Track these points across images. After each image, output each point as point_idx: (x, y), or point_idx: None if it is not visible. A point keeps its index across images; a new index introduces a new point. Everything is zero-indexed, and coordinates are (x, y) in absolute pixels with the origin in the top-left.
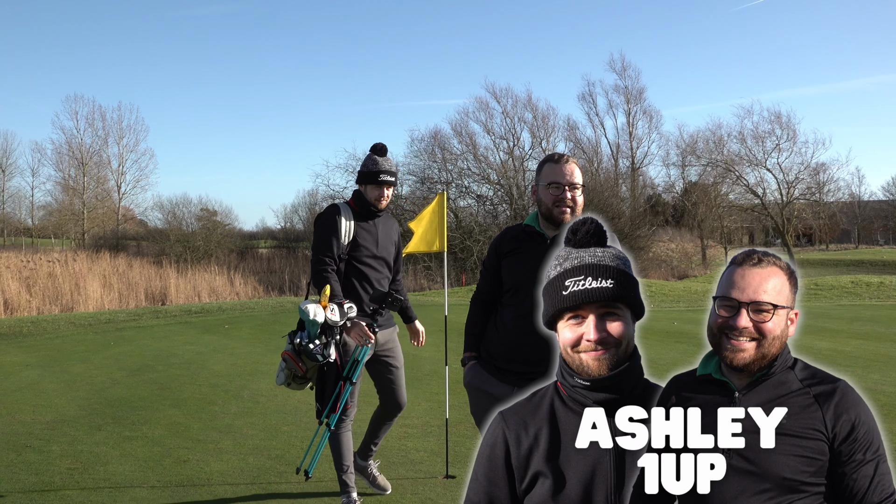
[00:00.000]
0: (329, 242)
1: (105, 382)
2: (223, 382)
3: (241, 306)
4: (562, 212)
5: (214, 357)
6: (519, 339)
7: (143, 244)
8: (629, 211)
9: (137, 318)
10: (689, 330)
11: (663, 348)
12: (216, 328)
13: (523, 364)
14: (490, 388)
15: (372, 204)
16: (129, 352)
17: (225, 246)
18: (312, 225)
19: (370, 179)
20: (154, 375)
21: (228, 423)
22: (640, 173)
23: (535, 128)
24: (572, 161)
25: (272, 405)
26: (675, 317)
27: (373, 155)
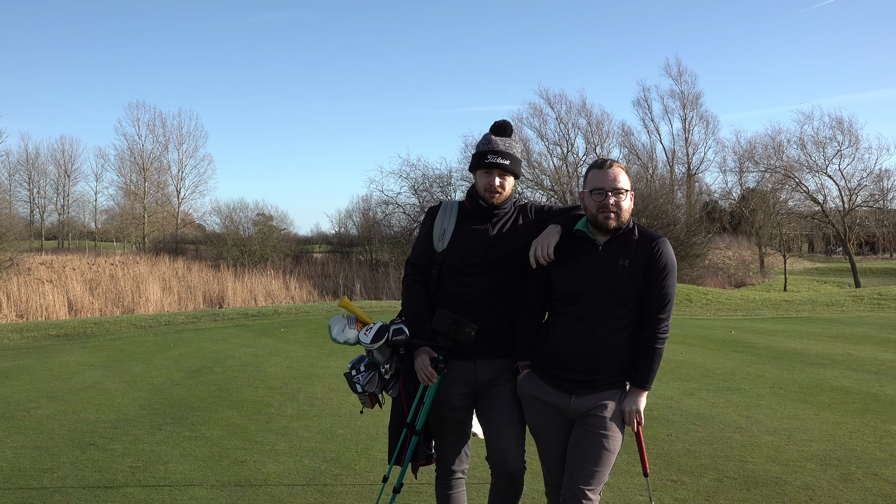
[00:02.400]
0: (415, 248)
1: (165, 383)
2: (279, 385)
3: (297, 310)
4: (606, 217)
5: (270, 360)
6: (573, 348)
7: (201, 248)
8: (685, 217)
9: (196, 321)
10: (747, 339)
11: (721, 358)
12: (272, 331)
13: (579, 372)
14: (546, 396)
15: (482, 196)
16: (188, 353)
17: (280, 250)
18: (370, 231)
19: (477, 162)
20: (212, 377)
21: (284, 425)
22: (695, 179)
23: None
24: (617, 166)
25: (327, 408)
26: (732, 325)
27: (489, 134)
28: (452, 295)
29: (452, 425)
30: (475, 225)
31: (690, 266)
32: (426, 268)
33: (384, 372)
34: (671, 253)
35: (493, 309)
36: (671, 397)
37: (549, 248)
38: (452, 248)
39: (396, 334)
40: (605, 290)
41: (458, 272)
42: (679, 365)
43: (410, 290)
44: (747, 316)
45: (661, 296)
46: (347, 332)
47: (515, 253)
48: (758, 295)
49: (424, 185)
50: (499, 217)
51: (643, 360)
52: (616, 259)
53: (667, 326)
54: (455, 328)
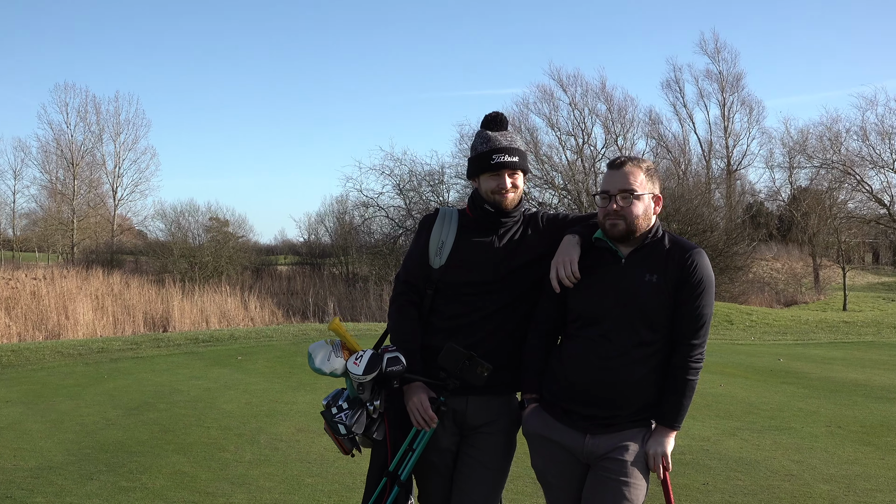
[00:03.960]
0: (407, 263)
1: (98, 423)
2: (235, 425)
3: (257, 334)
4: (611, 225)
5: (225, 394)
6: (590, 378)
7: (142, 259)
8: (724, 222)
9: (135, 348)
10: (799, 369)
11: (767, 390)
12: (227, 360)
13: (596, 407)
14: (557, 435)
15: (489, 202)
16: (126, 387)
17: (238, 262)
18: (346, 239)
19: (481, 165)
20: (155, 415)
21: (242, 472)
22: (737, 177)
23: (609, 122)
24: (632, 165)
25: (293, 452)
26: (781, 352)
27: (483, 130)
28: (449, 317)
29: (439, 474)
30: (479, 237)
31: (731, 280)
32: (420, 286)
33: (372, 410)
34: (708, 266)
35: (496, 333)
36: (707, 438)
37: (573, 264)
38: (453, 265)
39: (392, 364)
40: (629, 309)
41: (458, 292)
42: (717, 399)
43: (402, 312)
44: (799, 340)
45: (694, 317)
46: (333, 360)
47: (527, 268)
48: (812, 315)
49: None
50: (507, 227)
51: (672, 394)
52: (642, 273)
53: (701, 354)
54: (466, 367)
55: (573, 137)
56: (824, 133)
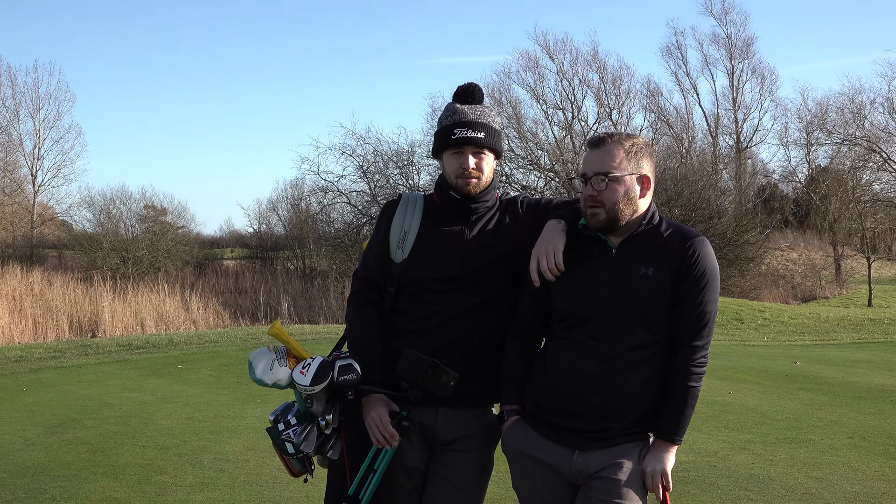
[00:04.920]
0: (366, 257)
1: (15, 443)
2: (175, 443)
3: (200, 339)
4: (591, 214)
5: (163, 408)
6: (579, 387)
7: (66, 254)
8: (733, 207)
9: (59, 356)
10: (818, 373)
11: (782, 398)
12: (165, 369)
13: (586, 419)
14: (541, 452)
15: (452, 185)
16: (48, 401)
17: (177, 256)
18: (301, 229)
19: (442, 141)
20: (81, 433)
21: (182, 498)
22: (748, 155)
23: (602, 93)
24: (613, 143)
25: (242, 474)
26: (798, 354)
27: (452, 103)
28: (414, 319)
29: (407, 496)
30: (447, 225)
31: (741, 273)
32: (380, 283)
33: (324, 426)
34: (711, 256)
35: (468, 337)
36: (714, 453)
37: (557, 254)
38: (417, 258)
39: (345, 373)
40: (622, 307)
41: (423, 289)
42: (725, 408)
43: (360, 313)
44: (818, 341)
45: (696, 315)
46: (277, 369)
47: (503, 261)
48: (833, 312)
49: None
50: (479, 214)
51: (672, 403)
52: (636, 266)
53: (705, 357)
54: (430, 376)
55: (561, 111)
56: (846, 105)
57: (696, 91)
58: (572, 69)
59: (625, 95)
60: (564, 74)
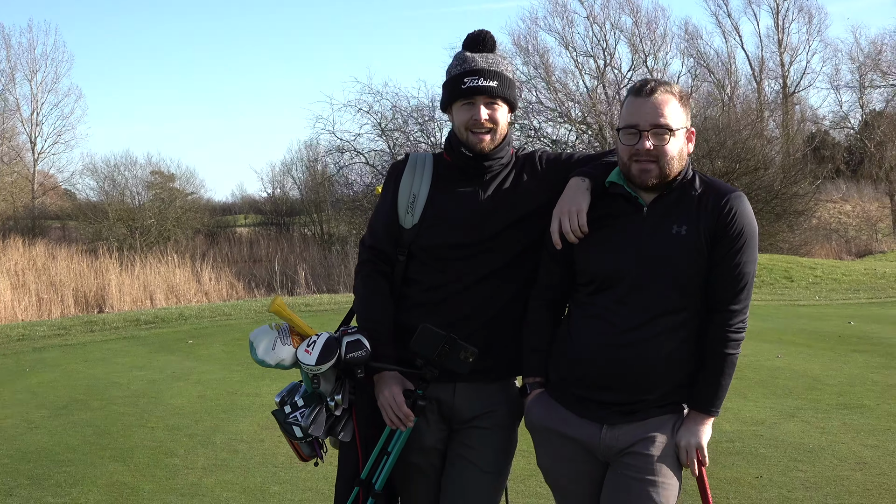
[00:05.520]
0: (373, 224)
1: (17, 427)
2: (186, 424)
3: (212, 312)
4: (642, 170)
5: (173, 386)
6: (607, 356)
7: (70, 225)
8: (781, 157)
9: (64, 333)
10: (874, 333)
11: (835, 361)
12: (176, 345)
13: (616, 391)
14: (567, 428)
15: (464, 142)
16: (52, 382)
17: (187, 225)
18: (318, 192)
19: (452, 90)
20: (87, 415)
21: (194, 482)
22: (795, 101)
23: (636, 39)
24: (664, 91)
25: (256, 455)
26: (852, 314)
27: (461, 51)
28: (427, 289)
29: (425, 478)
30: (460, 186)
31: (790, 228)
32: (390, 252)
33: (333, 406)
34: (749, 213)
35: (486, 306)
36: (761, 421)
37: (581, 215)
38: (428, 223)
39: (352, 349)
40: (654, 269)
41: (436, 257)
42: (774, 374)
43: (369, 284)
44: (874, 299)
45: (734, 277)
46: (280, 348)
47: (522, 223)
48: (890, 267)
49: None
50: (494, 173)
51: (708, 373)
52: (669, 225)
53: (743, 322)
54: (447, 351)
55: (592, 59)
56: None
57: (738, 33)
58: (603, 13)
59: (661, 40)
60: (595, 19)
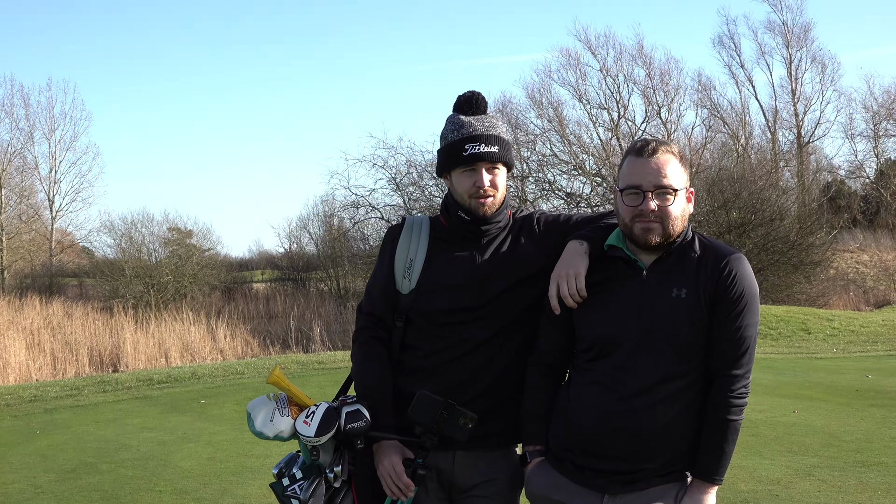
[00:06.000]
0: (371, 289)
1: (24, 492)
2: (194, 487)
3: (225, 371)
4: (644, 230)
5: (183, 448)
6: (607, 424)
7: (87, 283)
8: (796, 207)
9: (76, 394)
10: (891, 387)
11: (852, 416)
12: (188, 405)
13: (617, 460)
14: (568, 497)
15: (465, 207)
16: (62, 444)
17: (204, 281)
18: (334, 247)
19: (452, 157)
20: (96, 479)
21: None
22: (810, 150)
23: (649, 90)
24: (665, 151)
25: None
26: (870, 367)
27: (454, 115)
28: (425, 355)
29: None
30: (457, 250)
31: (807, 279)
32: (387, 318)
33: (332, 478)
34: (750, 275)
35: (485, 372)
36: (776, 480)
37: (579, 279)
38: (425, 288)
39: (352, 420)
40: (654, 334)
41: (434, 322)
42: (790, 430)
43: (366, 352)
44: (892, 350)
45: (735, 341)
46: (278, 419)
47: (521, 287)
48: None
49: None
50: (491, 236)
51: (712, 440)
52: (668, 288)
53: (746, 387)
54: (445, 418)
55: (606, 111)
56: None
57: (751, 83)
58: (616, 65)
59: (674, 91)
60: (608, 71)
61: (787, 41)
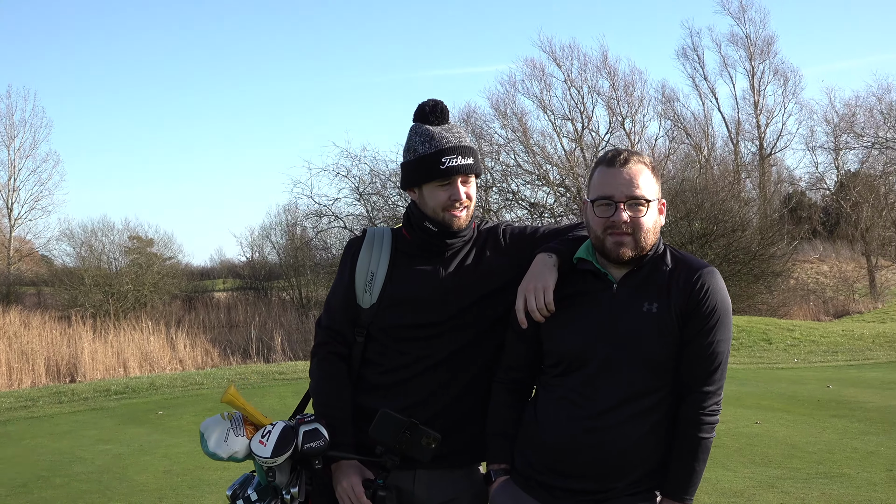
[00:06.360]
0: (330, 303)
1: None
2: (150, 501)
3: (184, 381)
4: (616, 243)
5: (139, 461)
6: (575, 442)
7: (45, 291)
8: (758, 218)
9: (31, 405)
10: (853, 397)
11: (814, 427)
12: (145, 416)
13: (584, 478)
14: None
15: (433, 220)
16: (14, 457)
17: (165, 290)
18: (297, 256)
19: (427, 171)
20: (48, 493)
21: None
22: (772, 162)
23: (613, 101)
24: (636, 161)
25: None
26: (831, 377)
27: (420, 125)
28: (386, 371)
29: None
30: (420, 264)
31: (768, 289)
32: (348, 333)
33: (289, 500)
34: (722, 289)
35: (449, 388)
36: (739, 492)
37: (547, 292)
38: (387, 302)
39: (310, 439)
40: (624, 350)
41: (396, 337)
42: (752, 441)
43: (325, 367)
44: (853, 361)
45: (707, 357)
46: (233, 440)
47: (486, 301)
48: (868, 328)
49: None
50: (455, 249)
51: (682, 458)
52: (640, 302)
53: (717, 404)
54: (408, 438)
55: (570, 122)
56: (875, 105)
57: (714, 95)
58: (581, 76)
59: (638, 102)
60: (572, 82)
61: (750, 54)
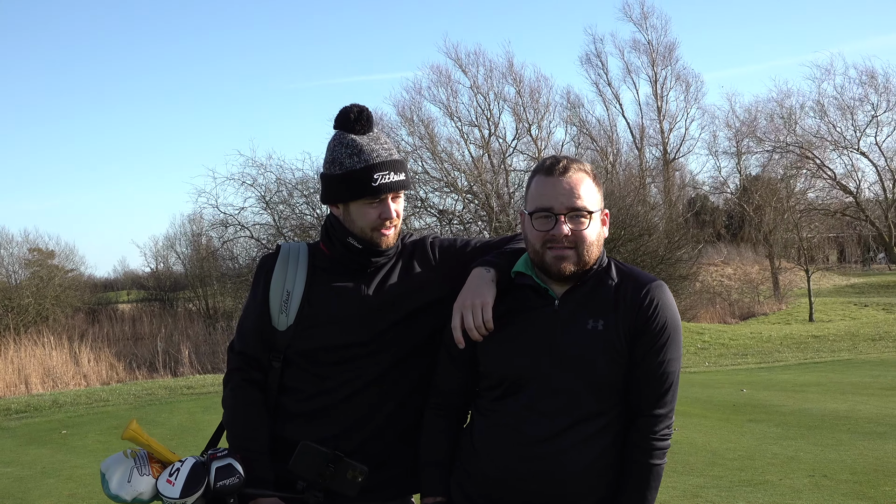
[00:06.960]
0: (242, 325)
1: None
2: None
3: (89, 398)
4: (557, 257)
5: (42, 484)
6: (517, 470)
7: None
8: (664, 223)
9: None
10: (767, 400)
11: (731, 432)
12: (48, 436)
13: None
14: None
15: (364, 239)
16: None
17: (67, 303)
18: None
19: (358, 187)
20: None
21: None
22: (675, 167)
23: (519, 108)
24: (577, 169)
25: None
26: (743, 380)
27: (344, 134)
28: (306, 398)
29: None
30: (341, 281)
31: (676, 292)
32: (262, 358)
33: None
34: (672, 305)
35: (375, 415)
36: (664, 503)
37: (486, 309)
38: (304, 324)
39: (223, 476)
40: (567, 371)
41: (315, 361)
42: (673, 448)
43: (239, 396)
44: (763, 363)
45: (657, 377)
46: (137, 480)
47: (414, 319)
48: (774, 330)
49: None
50: (377, 265)
51: (631, 486)
52: (584, 319)
53: (668, 428)
54: (332, 471)
55: (477, 128)
56: (775, 110)
57: (618, 101)
58: (487, 83)
59: (544, 109)
60: (479, 89)
61: (653, 60)
